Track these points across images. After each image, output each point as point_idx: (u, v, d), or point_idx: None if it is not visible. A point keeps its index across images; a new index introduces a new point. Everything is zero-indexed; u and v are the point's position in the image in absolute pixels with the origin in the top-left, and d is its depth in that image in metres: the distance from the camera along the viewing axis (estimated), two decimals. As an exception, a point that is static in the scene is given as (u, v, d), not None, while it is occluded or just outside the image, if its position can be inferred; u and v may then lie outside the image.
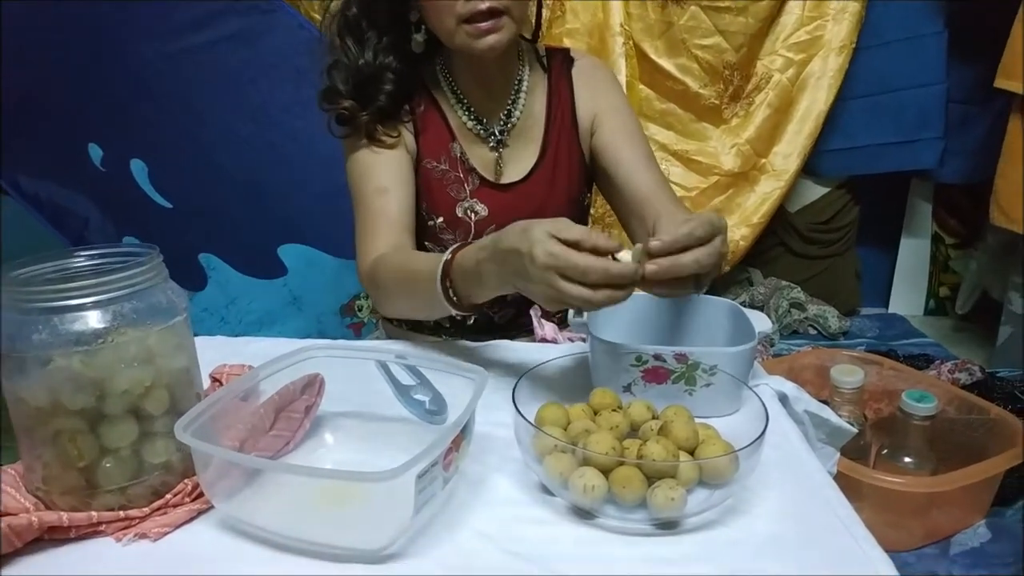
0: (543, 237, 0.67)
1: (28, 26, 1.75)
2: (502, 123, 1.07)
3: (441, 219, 1.07)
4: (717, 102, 2.10)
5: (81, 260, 0.64)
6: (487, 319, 1.13)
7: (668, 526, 0.60)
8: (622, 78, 1.99)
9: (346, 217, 1.11)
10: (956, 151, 2.13)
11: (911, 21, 2.05)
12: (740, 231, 2.16)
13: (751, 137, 2.11)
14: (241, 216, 1.89)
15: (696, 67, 2.04)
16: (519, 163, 1.09)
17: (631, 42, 2.01)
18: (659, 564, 0.57)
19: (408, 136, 1.06)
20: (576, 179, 1.12)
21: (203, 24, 1.77)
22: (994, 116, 2.04)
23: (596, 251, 0.67)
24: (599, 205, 2.08)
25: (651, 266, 0.68)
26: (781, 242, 2.32)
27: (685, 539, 0.59)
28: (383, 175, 1.02)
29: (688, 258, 0.68)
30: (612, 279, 0.67)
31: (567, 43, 2.02)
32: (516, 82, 1.08)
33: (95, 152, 1.88)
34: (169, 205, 1.90)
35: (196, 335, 0.96)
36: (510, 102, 1.07)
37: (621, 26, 1.99)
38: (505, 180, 1.08)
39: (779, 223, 2.26)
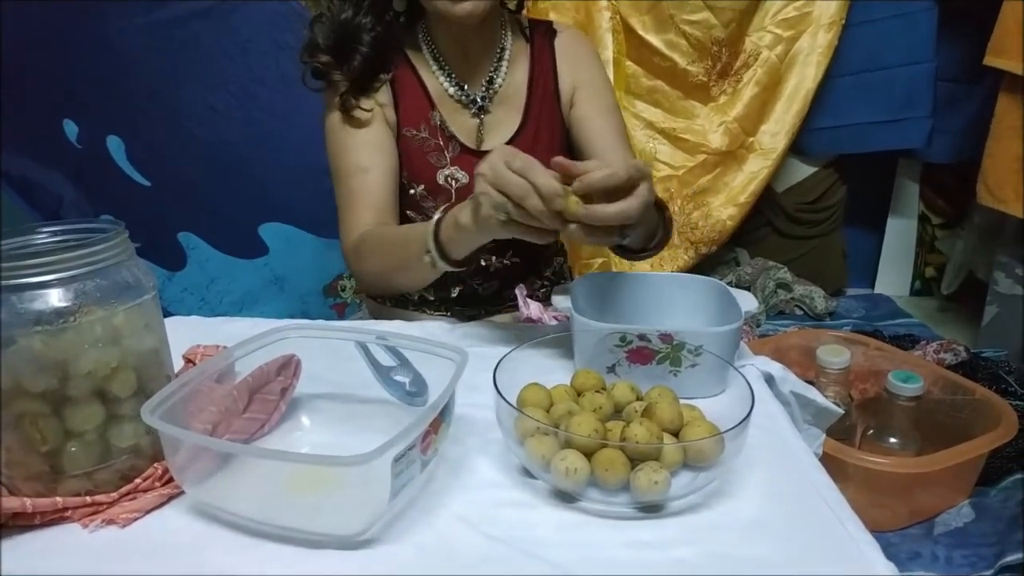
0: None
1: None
2: (484, 89, 1.06)
3: (422, 187, 1.06)
4: (705, 79, 2.07)
5: (44, 236, 0.62)
6: (471, 291, 1.12)
7: (651, 509, 0.59)
8: (608, 53, 1.96)
9: (329, 196, 1.09)
10: (944, 130, 2.12)
11: (901, -2, 2.03)
12: (727, 211, 2.15)
13: (739, 115, 2.09)
14: (221, 194, 1.86)
15: (684, 43, 2.01)
16: (500, 130, 1.08)
17: (618, 16, 1.98)
18: (642, 548, 0.55)
19: (388, 108, 1.04)
20: (557, 149, 1.10)
21: (173, -4, 1.72)
22: (983, 95, 2.03)
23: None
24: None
25: (579, 209, 0.71)
26: (768, 222, 2.31)
27: (669, 522, 0.58)
28: (363, 153, 1.01)
29: (613, 209, 0.70)
30: (541, 188, 0.70)
31: (553, 16, 1.99)
32: (499, 50, 1.07)
33: (70, 128, 1.83)
34: (147, 183, 1.86)
35: (175, 315, 0.95)
36: (492, 69, 1.06)
37: (608, 0, 1.95)
38: (486, 147, 1.06)
39: (766, 203, 2.25)
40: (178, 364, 0.76)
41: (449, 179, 1.05)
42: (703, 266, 2.22)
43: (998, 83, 1.80)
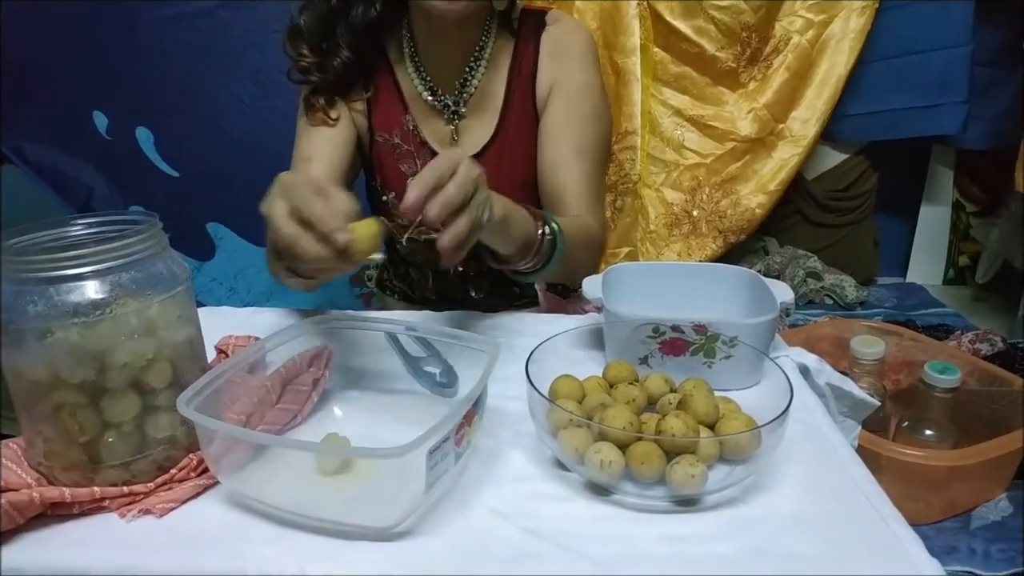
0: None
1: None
2: (456, 94, 1.00)
3: (393, 195, 1.03)
4: (734, 65, 2.04)
5: (79, 228, 0.62)
6: (464, 295, 1.09)
7: (688, 503, 0.58)
8: (635, 40, 1.93)
9: (355, 187, 1.09)
10: (980, 116, 2.06)
11: (936, -20, 1.98)
12: (756, 199, 2.11)
13: (769, 102, 2.05)
14: (248, 184, 1.85)
15: (712, 29, 1.98)
16: (473, 137, 1.02)
17: (645, 3, 1.96)
18: (679, 542, 0.55)
19: (358, 115, 1.01)
20: (533, 160, 1.02)
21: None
22: (1020, 80, 1.97)
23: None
24: (610, 173, 2.05)
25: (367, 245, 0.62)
26: (798, 210, 2.27)
27: (706, 516, 0.58)
28: (313, 143, 0.99)
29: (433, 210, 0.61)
30: (317, 225, 0.59)
31: (579, 5, 1.97)
32: (477, 50, 0.99)
33: (100, 120, 1.85)
34: (176, 173, 1.88)
35: (205, 305, 0.95)
36: (467, 71, 1.00)
37: (635, -13, 1.93)
38: None
39: (796, 191, 2.21)
40: (211, 355, 0.76)
41: None
42: (732, 255, 2.19)
43: (1037, 67, 1.75)
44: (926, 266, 2.33)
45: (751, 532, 0.56)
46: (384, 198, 1.04)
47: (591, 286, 0.83)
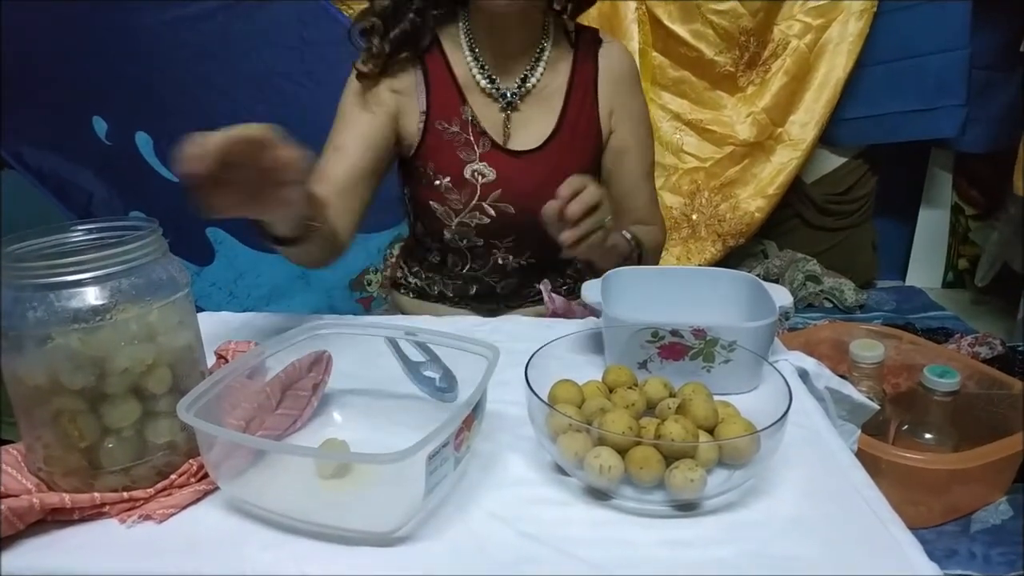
0: None
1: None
2: (517, 86, 1.06)
3: (448, 179, 1.05)
4: (732, 69, 2.05)
5: (79, 235, 0.62)
6: (489, 289, 1.11)
7: (687, 508, 0.58)
8: (634, 44, 1.94)
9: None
10: (979, 119, 2.07)
11: (934, -16, 1.98)
12: (755, 202, 2.12)
13: (767, 106, 2.06)
14: (248, 189, 1.86)
15: (711, 33, 1.99)
16: (532, 130, 1.07)
17: (644, 7, 1.96)
18: (678, 547, 0.55)
19: (416, 95, 1.04)
20: (591, 156, 1.11)
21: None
22: (1018, 83, 1.98)
23: None
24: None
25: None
26: (797, 214, 2.28)
27: (705, 521, 0.58)
28: (348, 134, 1.02)
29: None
30: None
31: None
32: (537, 51, 1.07)
33: (99, 125, 1.85)
34: (175, 178, 1.88)
35: (204, 310, 0.95)
36: (528, 68, 1.06)
37: (634, -9, 1.94)
38: (514, 146, 1.06)
39: (795, 194, 2.22)
40: (210, 360, 0.77)
41: (476, 174, 1.05)
42: (731, 259, 2.19)
43: (1035, 70, 1.76)
44: (925, 269, 2.34)
45: (750, 536, 0.56)
46: (437, 183, 1.06)
47: (590, 291, 0.83)
